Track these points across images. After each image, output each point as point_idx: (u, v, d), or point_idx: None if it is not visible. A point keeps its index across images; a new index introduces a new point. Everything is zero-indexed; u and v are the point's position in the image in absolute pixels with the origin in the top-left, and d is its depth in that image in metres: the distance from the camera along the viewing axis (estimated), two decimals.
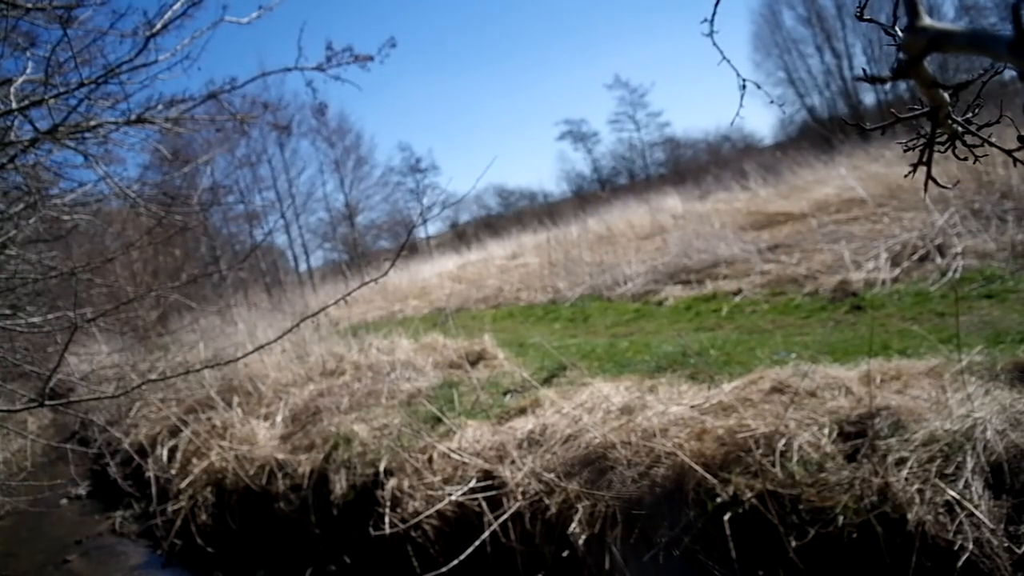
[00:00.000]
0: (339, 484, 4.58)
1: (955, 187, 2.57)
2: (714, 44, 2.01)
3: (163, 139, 4.03)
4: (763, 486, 2.86)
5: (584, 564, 3.19)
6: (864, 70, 0.78)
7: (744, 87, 2.19)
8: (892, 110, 0.86)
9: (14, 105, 2.80)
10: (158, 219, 3.95)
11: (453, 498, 3.72)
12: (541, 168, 72.20)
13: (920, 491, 2.50)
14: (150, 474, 6.30)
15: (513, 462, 3.71)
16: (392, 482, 4.15)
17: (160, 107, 3.49)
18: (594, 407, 3.92)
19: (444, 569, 3.53)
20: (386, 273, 2.65)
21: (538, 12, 54.87)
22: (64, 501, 7.43)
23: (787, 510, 2.74)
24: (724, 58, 2.06)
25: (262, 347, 3.13)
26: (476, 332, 6.78)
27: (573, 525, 3.22)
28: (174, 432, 6.62)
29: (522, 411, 4.31)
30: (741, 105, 2.23)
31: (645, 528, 3.03)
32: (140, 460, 6.73)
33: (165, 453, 6.51)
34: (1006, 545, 2.27)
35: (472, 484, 3.73)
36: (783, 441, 2.95)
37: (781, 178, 13.25)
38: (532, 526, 3.44)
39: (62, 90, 2.97)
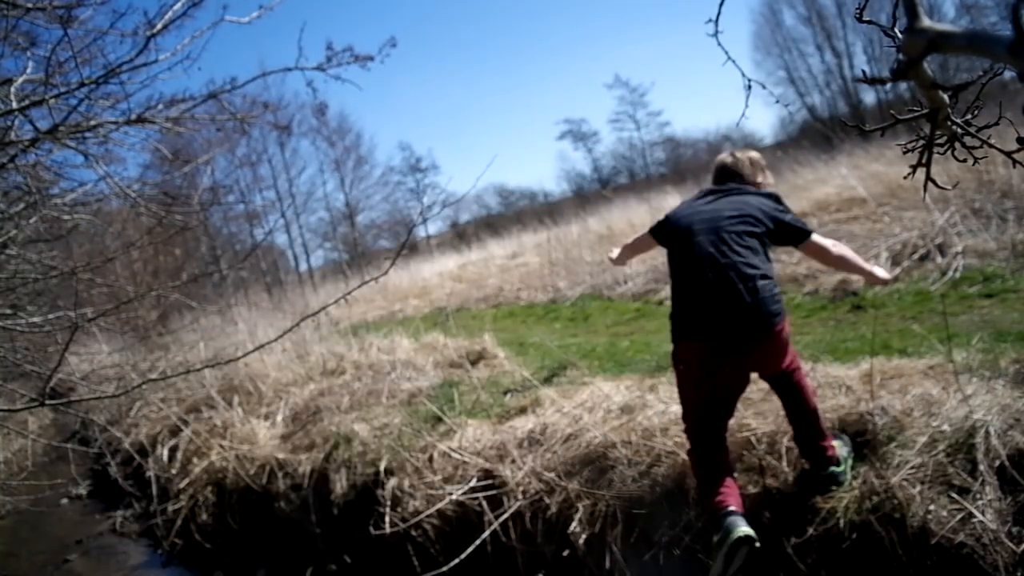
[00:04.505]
0: (339, 483, 4.58)
1: (955, 187, 2.57)
2: (719, 44, 2.01)
3: (163, 139, 4.02)
4: (763, 485, 2.86)
5: (584, 563, 3.19)
6: (864, 71, 0.78)
7: (750, 87, 2.19)
8: (892, 110, 0.86)
9: (14, 105, 2.80)
10: (158, 219, 3.95)
11: (453, 497, 3.72)
12: (541, 168, 72.28)
13: (921, 491, 2.50)
14: (150, 473, 6.31)
15: (513, 461, 3.71)
16: (392, 481, 4.15)
17: (160, 107, 3.49)
18: (594, 406, 3.92)
19: (444, 568, 3.53)
20: (386, 272, 2.65)
21: (538, 11, 54.86)
22: (65, 501, 7.44)
23: (787, 509, 2.74)
24: (729, 58, 2.06)
25: (262, 346, 3.13)
26: (476, 331, 6.78)
27: (573, 524, 3.22)
28: (174, 432, 6.63)
29: (522, 410, 4.31)
30: (747, 106, 2.23)
31: (645, 527, 3.03)
32: (140, 460, 6.73)
33: (165, 453, 6.52)
34: (1008, 545, 2.27)
35: (472, 483, 3.73)
36: (783, 440, 2.95)
37: (781, 177, 13.21)
38: (532, 525, 3.44)
39: (62, 90, 2.97)
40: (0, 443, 7.80)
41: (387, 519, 3.93)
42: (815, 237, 2.74)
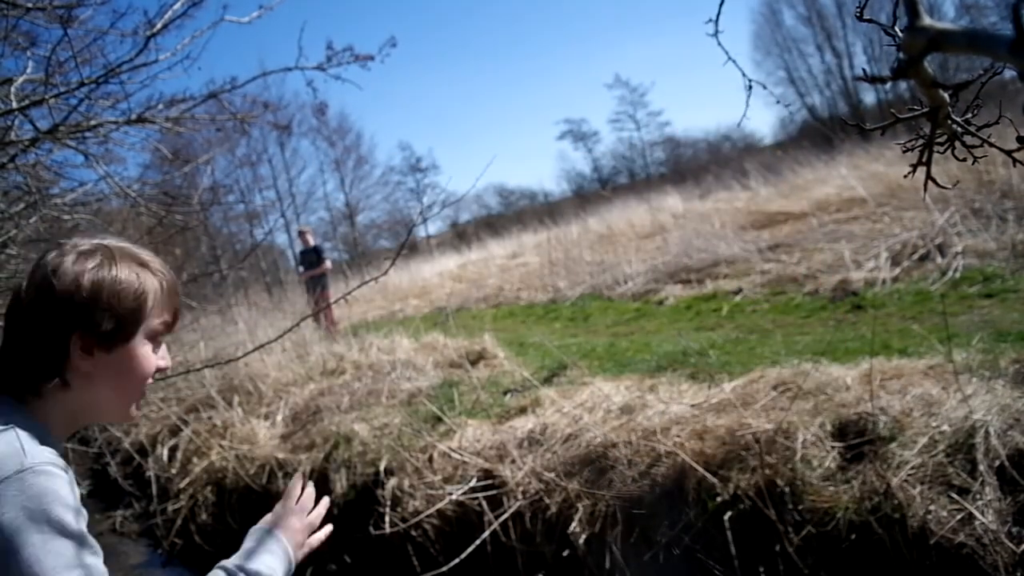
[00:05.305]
0: (339, 483, 4.58)
1: (955, 187, 2.58)
2: (719, 44, 2.01)
3: (163, 139, 4.02)
4: (763, 485, 2.86)
5: (584, 563, 3.19)
6: (864, 70, 0.78)
7: (750, 88, 2.19)
8: (892, 110, 0.86)
9: (14, 105, 2.80)
10: (158, 219, 3.94)
11: (453, 497, 3.72)
12: (541, 168, 72.41)
13: (921, 491, 2.50)
14: (150, 473, 6.30)
15: (513, 461, 3.71)
16: (392, 481, 4.15)
17: (160, 107, 3.48)
18: (594, 406, 3.92)
19: (444, 568, 3.53)
20: (386, 272, 2.65)
21: (538, 11, 54.89)
22: None
23: (788, 509, 2.74)
24: (730, 58, 2.06)
25: (262, 346, 3.14)
26: (476, 331, 6.77)
27: (573, 524, 3.22)
28: (174, 431, 6.62)
29: (522, 410, 4.31)
30: (747, 106, 2.23)
31: (645, 527, 3.03)
32: (140, 459, 6.73)
33: (165, 452, 6.52)
34: (1008, 545, 2.27)
35: (472, 483, 3.74)
36: (783, 440, 2.95)
37: (781, 177, 13.25)
38: (532, 525, 3.44)
39: (62, 90, 2.96)
40: None
41: (387, 519, 3.93)
42: None
